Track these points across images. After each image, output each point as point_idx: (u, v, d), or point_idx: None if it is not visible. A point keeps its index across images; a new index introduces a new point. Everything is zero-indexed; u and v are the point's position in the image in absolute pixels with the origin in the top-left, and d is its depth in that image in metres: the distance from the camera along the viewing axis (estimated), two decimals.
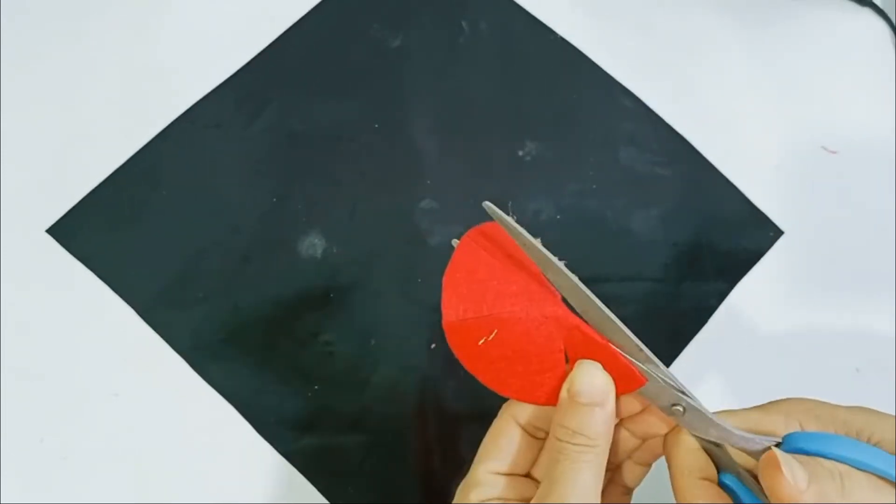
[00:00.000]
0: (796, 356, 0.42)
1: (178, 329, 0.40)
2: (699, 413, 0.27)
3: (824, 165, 0.46)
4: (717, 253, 0.43)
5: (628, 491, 0.31)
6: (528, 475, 0.30)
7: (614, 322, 0.26)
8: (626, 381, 0.27)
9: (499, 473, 0.29)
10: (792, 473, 0.24)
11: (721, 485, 0.27)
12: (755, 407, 0.29)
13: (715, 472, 0.28)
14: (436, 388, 0.40)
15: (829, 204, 0.45)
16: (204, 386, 0.40)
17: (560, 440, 0.27)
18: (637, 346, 0.26)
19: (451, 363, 0.40)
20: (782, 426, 0.27)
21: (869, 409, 0.28)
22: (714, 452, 0.28)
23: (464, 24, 0.47)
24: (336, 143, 0.44)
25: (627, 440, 0.30)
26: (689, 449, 0.28)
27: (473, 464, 0.30)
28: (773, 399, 0.29)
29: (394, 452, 0.39)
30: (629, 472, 0.31)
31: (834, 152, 0.46)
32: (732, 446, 0.27)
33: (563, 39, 0.47)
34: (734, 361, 0.41)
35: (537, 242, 0.26)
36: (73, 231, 0.42)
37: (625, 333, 0.26)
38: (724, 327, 0.42)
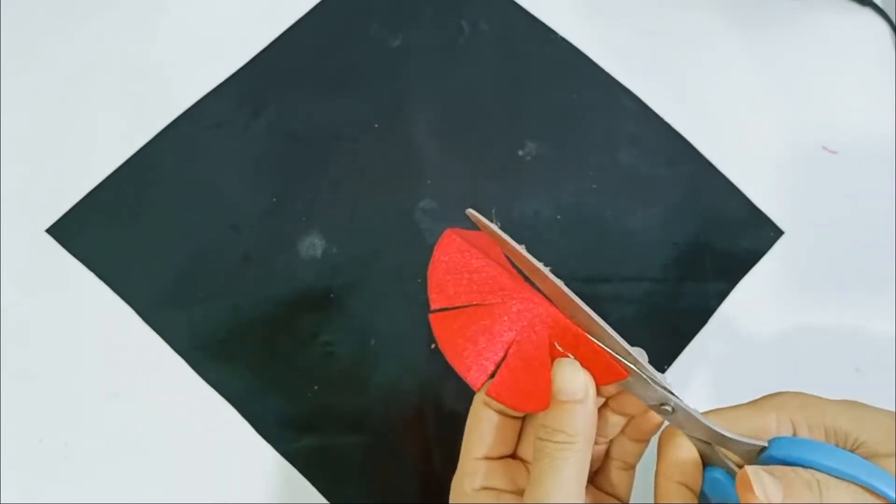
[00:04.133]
0: (796, 356, 0.42)
1: (178, 329, 0.40)
2: (687, 413, 0.27)
3: (824, 165, 0.46)
4: (718, 253, 0.43)
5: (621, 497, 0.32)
6: (514, 455, 0.31)
7: (601, 326, 0.26)
8: (606, 373, 0.27)
9: (486, 458, 0.30)
10: (764, 491, 0.24)
11: (710, 479, 0.28)
12: (748, 403, 0.29)
13: (698, 479, 0.28)
14: (436, 388, 0.40)
15: (829, 204, 0.45)
16: (204, 386, 0.40)
17: (541, 439, 0.27)
18: (625, 348, 0.26)
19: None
20: (773, 425, 0.28)
21: (859, 405, 0.28)
22: (704, 449, 0.28)
23: (464, 24, 0.47)
24: (336, 143, 0.44)
25: (616, 424, 0.30)
26: (677, 450, 0.28)
27: (461, 455, 0.30)
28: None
29: (394, 452, 0.39)
30: (616, 476, 0.31)
31: (834, 152, 0.46)
32: (720, 447, 0.27)
33: (563, 39, 0.47)
34: (734, 361, 0.41)
35: (522, 249, 0.26)
36: (73, 231, 0.42)
37: (612, 337, 0.26)
38: (724, 327, 0.42)
